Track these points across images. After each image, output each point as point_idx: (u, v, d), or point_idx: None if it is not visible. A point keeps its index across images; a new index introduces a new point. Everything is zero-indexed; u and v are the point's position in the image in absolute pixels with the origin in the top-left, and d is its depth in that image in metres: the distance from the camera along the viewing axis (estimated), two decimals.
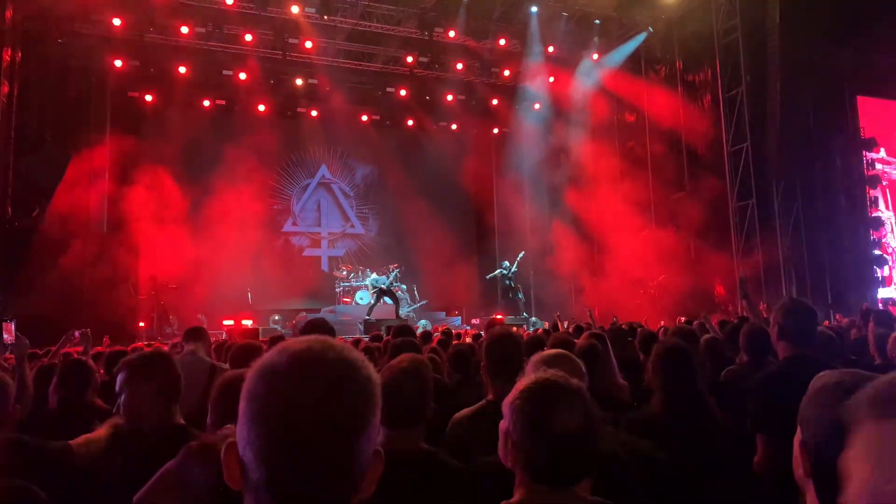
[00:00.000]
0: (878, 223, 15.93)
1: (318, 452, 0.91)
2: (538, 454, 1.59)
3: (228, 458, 0.94)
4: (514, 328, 4.55)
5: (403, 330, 5.08)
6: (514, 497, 1.63)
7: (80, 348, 5.56)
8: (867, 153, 16.02)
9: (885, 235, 15.98)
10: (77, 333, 5.82)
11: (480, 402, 2.83)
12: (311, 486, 0.92)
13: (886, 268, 15.82)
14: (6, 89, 13.46)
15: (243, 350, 3.56)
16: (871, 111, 16.28)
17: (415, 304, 19.40)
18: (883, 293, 15.43)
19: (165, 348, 6.50)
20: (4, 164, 13.58)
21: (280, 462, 0.91)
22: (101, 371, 4.62)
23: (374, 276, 18.62)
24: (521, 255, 18.77)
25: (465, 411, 2.83)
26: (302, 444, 0.90)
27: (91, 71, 16.32)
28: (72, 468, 2.43)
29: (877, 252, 15.73)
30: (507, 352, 2.88)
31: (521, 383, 1.70)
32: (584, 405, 1.63)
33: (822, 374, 1.38)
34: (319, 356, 0.96)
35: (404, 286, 19.25)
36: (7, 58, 13.54)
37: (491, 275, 19.39)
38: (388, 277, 18.16)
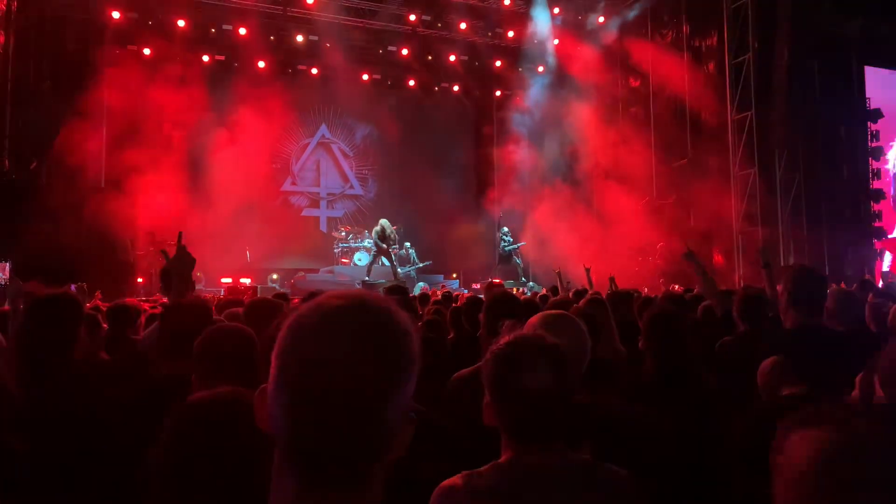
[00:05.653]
0: (880, 195, 15.86)
1: (339, 411, 0.88)
2: (507, 413, 1.61)
3: (260, 405, 0.94)
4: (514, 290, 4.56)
5: (394, 290, 4.88)
6: (502, 457, 1.64)
7: None
8: (872, 124, 15.87)
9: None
10: (73, 287, 5.82)
11: (479, 363, 2.84)
12: (333, 446, 0.89)
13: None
14: (2, 39, 13.22)
15: (260, 306, 3.54)
16: (878, 81, 16.07)
17: (415, 264, 19.28)
18: (884, 265, 15.47)
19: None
20: (1, 117, 13.42)
21: (301, 420, 0.89)
22: (105, 325, 4.63)
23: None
24: (521, 243, 18.84)
25: (463, 372, 2.85)
26: (323, 402, 0.88)
27: (89, 22, 15.99)
28: None
29: (877, 224, 15.70)
30: (505, 312, 2.89)
31: (494, 345, 1.70)
32: (555, 364, 1.61)
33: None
34: (350, 311, 0.92)
35: (408, 244, 19.21)
36: (3, 7, 13.27)
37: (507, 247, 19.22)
38: None
